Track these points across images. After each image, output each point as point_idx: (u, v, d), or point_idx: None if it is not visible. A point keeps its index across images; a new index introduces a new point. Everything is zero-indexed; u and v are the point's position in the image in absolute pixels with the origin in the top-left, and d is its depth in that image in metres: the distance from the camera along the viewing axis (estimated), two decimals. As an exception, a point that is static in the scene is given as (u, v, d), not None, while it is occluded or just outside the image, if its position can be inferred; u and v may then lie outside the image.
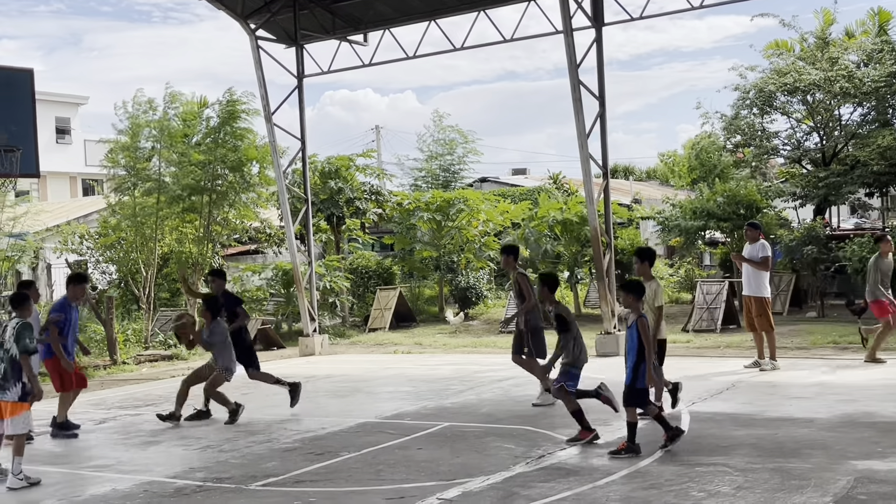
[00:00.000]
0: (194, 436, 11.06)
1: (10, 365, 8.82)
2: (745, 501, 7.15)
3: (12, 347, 8.86)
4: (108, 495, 8.33)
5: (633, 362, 8.86)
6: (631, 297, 9.09)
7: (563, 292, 26.60)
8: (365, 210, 26.57)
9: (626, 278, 14.89)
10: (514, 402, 12.38)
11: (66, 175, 46.86)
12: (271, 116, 20.50)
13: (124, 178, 22.39)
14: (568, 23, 16.69)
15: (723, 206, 22.07)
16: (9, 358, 8.84)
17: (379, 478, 8.47)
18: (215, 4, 19.86)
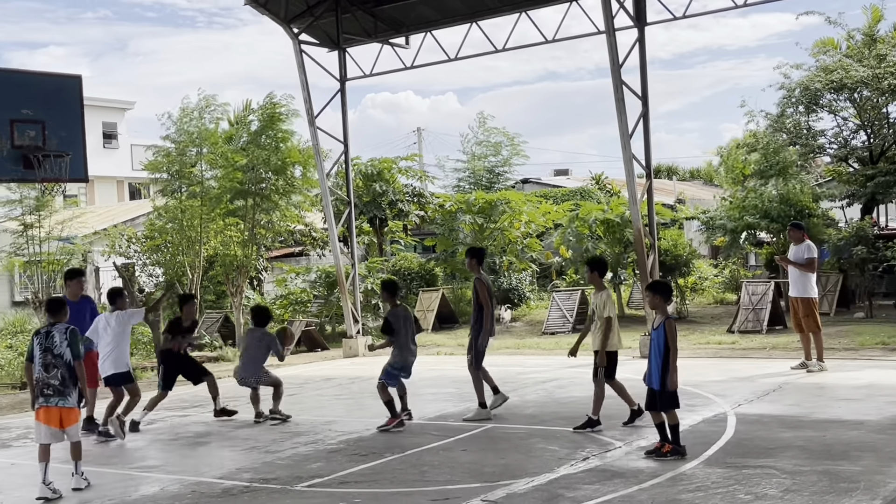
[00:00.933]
0: (241, 437, 11.18)
1: (67, 371, 8.82)
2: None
3: (66, 353, 8.84)
4: (156, 495, 8.45)
5: (661, 364, 8.75)
6: (658, 298, 8.99)
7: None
8: (407, 212, 26.68)
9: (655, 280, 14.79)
10: (557, 403, 12.37)
11: (113, 179, 47.55)
12: (314, 120, 20.65)
13: (170, 181, 22.69)
14: (610, 23, 16.62)
15: (777, 207, 21.85)
16: (64, 364, 8.83)
17: (423, 479, 8.50)
18: (259, 9, 20.04)
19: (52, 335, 8.88)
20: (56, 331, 8.93)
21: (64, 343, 8.86)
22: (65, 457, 9.08)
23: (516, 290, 25.67)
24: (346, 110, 21.39)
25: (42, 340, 8.89)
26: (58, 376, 8.77)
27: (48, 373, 8.79)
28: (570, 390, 13.44)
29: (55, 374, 8.77)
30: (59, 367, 8.79)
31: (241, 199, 22.45)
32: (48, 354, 8.83)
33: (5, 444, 11.68)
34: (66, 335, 8.90)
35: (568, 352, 11.22)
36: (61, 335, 8.90)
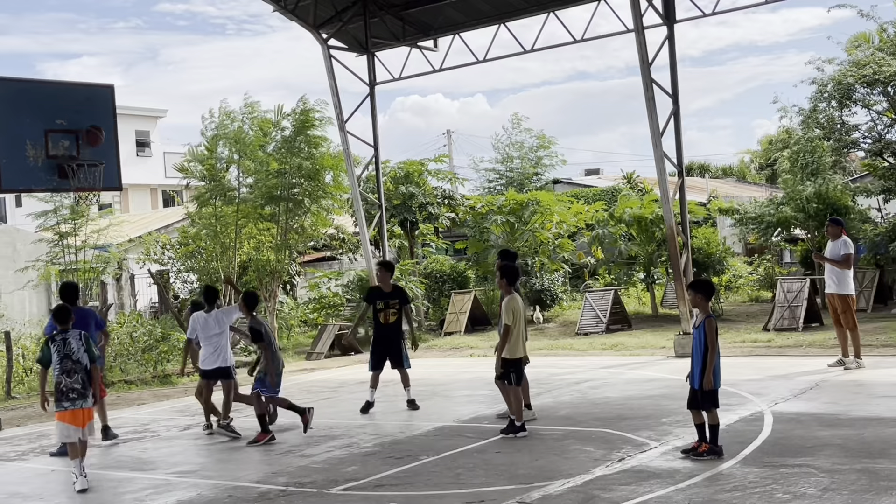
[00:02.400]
0: (276, 441, 11.23)
1: (86, 375, 9.39)
2: (831, 503, 7.00)
3: (83, 358, 9.41)
4: (193, 500, 8.51)
5: (702, 364, 8.70)
6: (699, 297, 8.96)
7: (639, 293, 26.39)
8: (438, 214, 26.67)
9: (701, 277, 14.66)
10: (592, 404, 12.31)
11: (146, 187, 48.01)
12: (345, 124, 20.73)
13: (203, 188, 22.86)
14: (639, 21, 16.56)
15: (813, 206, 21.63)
16: (83, 368, 9.39)
17: (458, 481, 8.50)
18: (288, 16, 20.16)
19: (68, 342, 9.45)
20: (71, 337, 9.47)
21: (81, 349, 9.44)
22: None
23: (548, 290, 25.58)
24: (375, 114, 21.46)
25: (60, 347, 9.38)
26: (79, 380, 9.37)
27: (70, 377, 9.33)
28: (604, 391, 13.39)
29: (76, 379, 9.34)
30: (79, 372, 9.38)
31: (273, 204, 22.58)
32: (68, 360, 9.36)
33: (44, 450, 11.82)
34: (81, 341, 9.47)
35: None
36: (77, 341, 9.46)
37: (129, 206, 44.92)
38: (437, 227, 28.03)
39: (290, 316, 25.51)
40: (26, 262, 22.46)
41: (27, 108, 13.24)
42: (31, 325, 23.40)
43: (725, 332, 19.70)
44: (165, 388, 17.77)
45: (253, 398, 11.31)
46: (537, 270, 25.87)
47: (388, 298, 13.14)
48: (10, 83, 13.50)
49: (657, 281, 24.78)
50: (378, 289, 13.50)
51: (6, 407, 16.23)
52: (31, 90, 13.73)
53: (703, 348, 8.67)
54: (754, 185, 48.18)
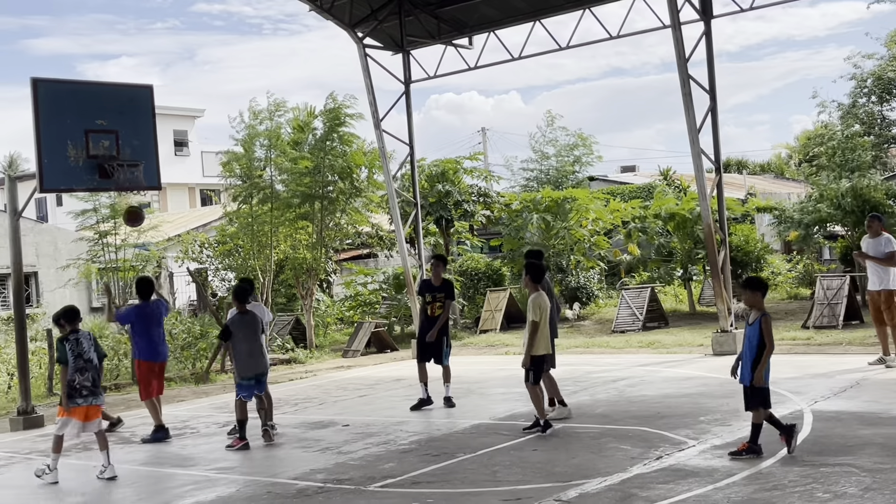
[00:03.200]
0: (313, 438, 11.31)
1: (96, 373, 9.89)
2: (872, 503, 6.93)
3: (93, 357, 9.88)
4: (233, 496, 8.59)
5: (753, 361, 8.66)
6: (756, 294, 8.88)
7: (676, 290, 26.22)
8: (473, 212, 26.68)
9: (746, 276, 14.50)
10: (629, 402, 12.26)
11: (184, 186, 48.45)
12: (380, 123, 20.80)
13: (240, 187, 23.06)
14: (675, 17, 16.45)
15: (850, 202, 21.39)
16: (93, 367, 9.87)
17: (495, 479, 8.51)
18: (324, 15, 20.25)
19: (80, 342, 9.90)
20: (82, 338, 9.95)
21: (91, 348, 9.91)
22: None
23: (584, 288, 25.52)
24: (410, 112, 21.50)
25: (73, 347, 9.86)
26: (90, 378, 9.83)
27: (82, 375, 9.78)
28: (642, 389, 13.33)
29: (87, 377, 9.81)
30: (90, 370, 9.85)
31: (308, 202, 22.71)
32: (80, 359, 9.79)
33: (87, 447, 11.97)
34: (91, 341, 9.97)
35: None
36: (88, 341, 9.94)
37: (167, 205, 45.37)
38: (472, 224, 28.04)
39: (326, 313, 25.65)
40: (67, 261, 22.82)
41: (68, 109, 13.40)
42: (72, 322, 23.74)
43: (764, 330, 19.55)
44: (204, 386, 17.94)
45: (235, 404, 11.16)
46: (573, 268, 25.80)
47: (436, 292, 13.14)
48: (52, 84, 13.66)
49: (695, 278, 24.62)
50: (428, 281, 13.53)
51: (48, 403, 16.45)
52: (71, 91, 13.90)
53: (757, 346, 8.63)
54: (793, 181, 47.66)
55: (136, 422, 13.87)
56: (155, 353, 12.28)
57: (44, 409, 15.31)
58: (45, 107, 13.26)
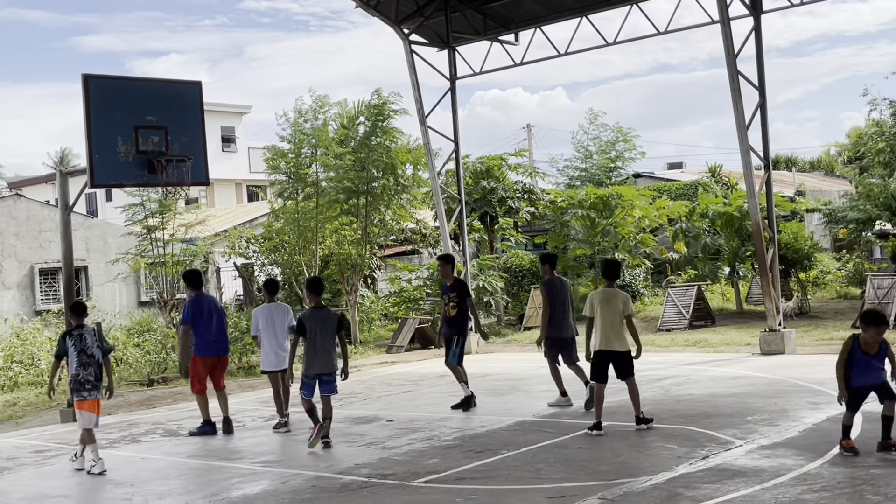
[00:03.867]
0: (358, 433, 11.36)
1: (98, 368, 10.08)
2: (925, 507, 6.81)
3: (96, 352, 10.05)
4: (278, 490, 8.66)
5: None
6: (883, 329, 8.68)
7: (723, 288, 25.96)
8: (518, 209, 26.63)
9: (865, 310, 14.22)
10: (674, 401, 12.16)
11: (231, 182, 48.86)
12: (425, 119, 20.82)
13: (286, 183, 23.22)
14: (725, 12, 16.28)
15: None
16: (96, 362, 10.05)
17: (539, 476, 8.48)
18: (370, 11, 20.33)
19: (83, 337, 10.09)
20: (86, 333, 10.14)
21: (94, 344, 10.10)
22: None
23: (630, 286, 25.36)
24: (456, 108, 21.51)
25: (77, 342, 10.06)
26: (92, 373, 10.02)
27: (86, 370, 10.02)
28: (688, 388, 13.22)
29: (90, 371, 10.01)
30: (93, 365, 10.04)
31: (353, 198, 22.81)
32: (83, 354, 10.01)
33: (135, 439, 12.16)
34: (95, 337, 10.15)
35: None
36: (91, 337, 10.13)
37: (214, 200, 45.81)
38: (516, 221, 27.98)
39: (370, 309, 25.74)
40: (116, 255, 23.13)
41: (118, 106, 13.61)
42: (121, 316, 24.07)
43: (813, 330, 19.29)
44: (250, 380, 18.11)
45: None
46: (618, 265, 25.62)
47: (450, 291, 12.88)
48: (102, 80, 13.88)
49: (742, 277, 24.35)
50: (444, 283, 13.33)
51: (98, 395, 16.70)
52: (121, 87, 14.12)
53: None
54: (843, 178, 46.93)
55: (182, 415, 14.04)
56: (205, 347, 12.12)
57: (93, 400, 15.53)
58: (96, 103, 13.48)
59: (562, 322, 12.43)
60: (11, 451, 11.58)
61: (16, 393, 17.37)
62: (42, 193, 45.94)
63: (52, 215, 24.62)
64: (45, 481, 9.89)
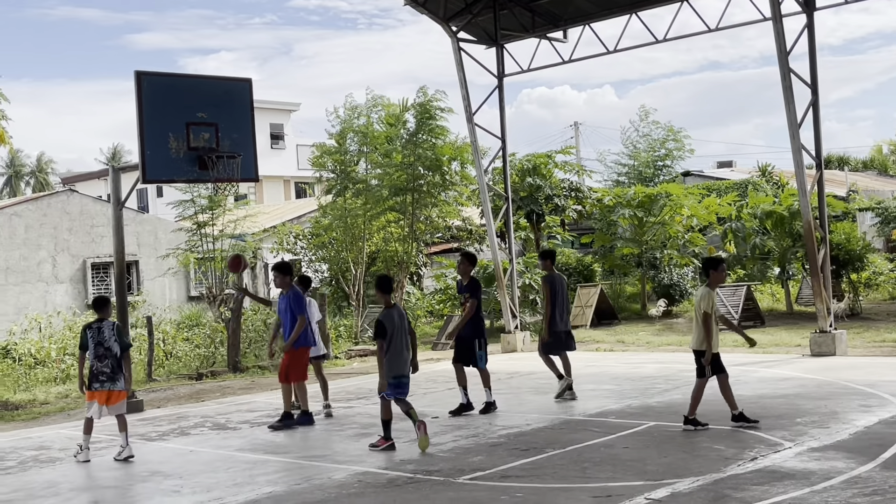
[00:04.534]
0: (403, 429, 11.37)
1: (115, 361, 10.38)
2: (981, 513, 6.67)
3: (114, 346, 10.37)
4: (324, 484, 8.72)
5: None
6: None
7: (773, 288, 25.64)
8: (564, 207, 26.52)
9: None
10: (722, 402, 12.00)
11: (279, 178, 49.29)
12: (472, 116, 20.81)
13: (334, 180, 23.36)
14: (777, 9, 16.08)
15: None
16: (112, 355, 10.36)
17: (585, 475, 8.45)
18: (418, 9, 20.36)
19: (101, 330, 10.42)
20: (105, 326, 10.46)
21: (112, 338, 10.42)
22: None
23: (678, 285, 25.14)
24: (503, 106, 21.47)
25: (95, 335, 10.42)
26: (108, 365, 10.36)
27: (101, 362, 10.36)
28: (736, 389, 12.99)
29: (106, 364, 10.36)
30: (109, 358, 10.37)
31: (400, 195, 22.88)
32: (100, 347, 10.34)
33: (184, 431, 12.31)
34: (113, 331, 10.47)
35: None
36: (109, 331, 10.44)
37: (263, 197, 46.22)
38: (563, 219, 27.88)
39: (416, 306, 25.82)
40: (167, 250, 23.45)
41: (170, 102, 13.78)
42: (170, 310, 24.38)
43: (864, 332, 18.98)
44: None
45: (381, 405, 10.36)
46: (665, 264, 25.44)
47: (465, 291, 12.53)
48: (155, 77, 14.06)
49: (792, 277, 24.03)
50: (459, 281, 12.90)
51: (147, 389, 16.96)
52: (173, 84, 14.30)
53: None
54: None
55: (230, 408, 14.19)
56: (313, 341, 12.38)
57: (143, 394, 15.78)
58: (149, 100, 13.65)
59: (564, 317, 13.12)
60: (64, 442, 11.79)
61: (68, 385, 17.66)
62: (94, 189, 46.71)
63: (104, 210, 25.02)
64: (96, 472, 10.06)
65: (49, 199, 25.55)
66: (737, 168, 45.70)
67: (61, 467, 10.37)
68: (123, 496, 8.91)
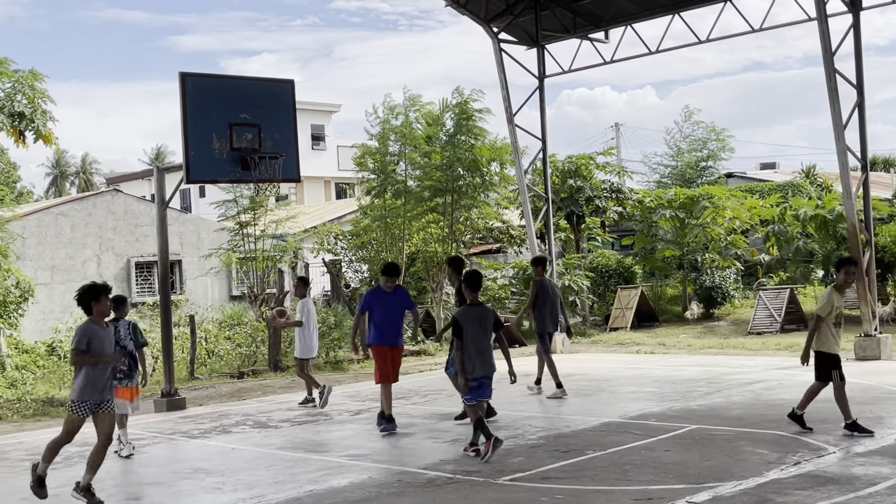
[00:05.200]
0: (442, 429, 11.41)
1: (130, 359, 10.66)
2: None
3: (129, 344, 10.61)
4: (365, 483, 8.76)
5: None
6: None
7: (816, 291, 25.32)
8: (605, 208, 26.40)
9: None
10: (766, 405, 11.92)
11: (320, 179, 49.58)
12: (513, 118, 20.79)
13: (374, 181, 23.46)
14: (822, 9, 15.89)
15: None
16: (128, 353, 10.60)
17: (625, 478, 8.40)
18: (460, 10, 20.38)
19: (117, 329, 10.45)
20: (121, 325, 10.65)
21: (128, 336, 10.66)
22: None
23: (719, 288, 24.91)
24: (544, 107, 21.43)
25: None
26: (125, 363, 10.58)
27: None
28: (779, 392, 12.93)
29: (123, 361, 10.50)
30: (125, 356, 10.55)
31: (440, 196, 22.91)
32: (116, 346, 10.30)
33: (226, 429, 12.43)
34: (129, 329, 10.71)
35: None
36: (125, 329, 10.67)
37: (303, 197, 46.51)
38: (603, 220, 27.75)
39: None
40: (209, 250, 23.68)
41: (214, 104, 13.92)
42: (212, 309, 24.62)
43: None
44: (337, 374, 18.35)
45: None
46: (707, 267, 25.23)
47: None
48: (198, 79, 14.21)
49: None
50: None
51: (190, 387, 17.14)
52: (217, 86, 14.45)
53: None
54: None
55: (271, 407, 14.30)
56: (383, 337, 11.45)
57: (186, 391, 15.94)
58: (193, 101, 13.80)
59: (552, 318, 13.97)
60: (108, 438, 11.92)
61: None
62: (138, 189, 47.29)
63: (148, 210, 25.33)
64: (139, 469, 10.19)
65: (94, 199, 25.91)
66: (780, 170, 45.19)
67: (105, 464, 10.48)
68: (166, 492, 9.01)
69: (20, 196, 48.94)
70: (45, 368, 18.64)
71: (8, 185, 46.07)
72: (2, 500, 9.06)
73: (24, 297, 17.09)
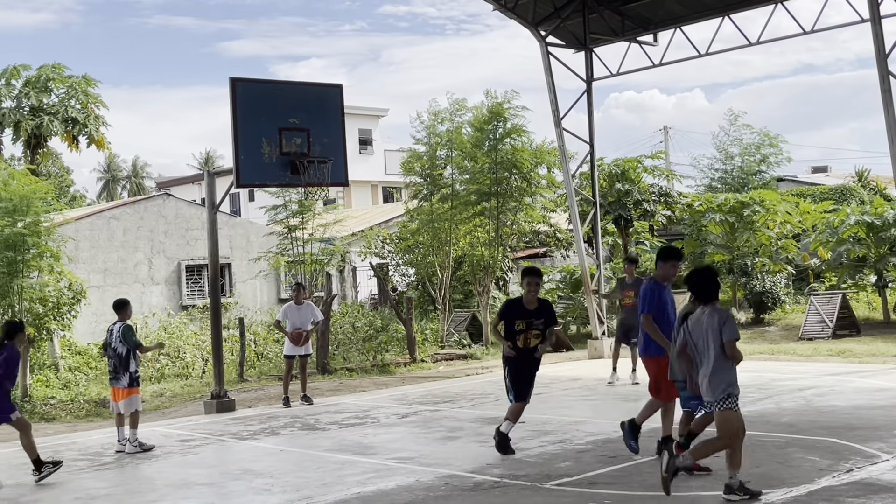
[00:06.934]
0: (490, 433, 11.36)
1: (118, 360, 11.21)
2: None
3: (119, 347, 11.16)
4: (412, 486, 8.79)
5: None
6: None
7: (869, 297, 24.92)
8: (653, 212, 26.20)
9: None
10: (817, 412, 11.75)
11: (367, 183, 49.78)
12: (560, 121, 20.73)
13: (421, 185, 23.53)
14: (876, 10, 15.66)
15: None
16: (117, 355, 11.19)
17: (674, 484, 8.32)
18: (507, 14, 20.38)
19: (111, 332, 11.35)
20: (114, 328, 11.31)
21: (118, 339, 11.20)
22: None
23: (770, 292, 24.59)
24: (592, 110, 21.34)
25: (107, 336, 11.49)
26: (112, 364, 11.30)
27: (109, 361, 11.46)
28: (831, 399, 12.74)
29: (111, 363, 11.35)
30: (113, 358, 11.27)
31: (485, 200, 22.91)
32: (108, 348, 11.31)
33: (274, 431, 12.54)
34: (120, 333, 11.24)
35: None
36: (117, 332, 11.25)
37: (351, 201, 46.76)
38: (652, 224, 27.54)
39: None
40: (258, 253, 23.90)
41: (263, 108, 14.06)
42: (261, 312, 24.83)
43: (968, 342, 18.32)
44: (384, 377, 18.41)
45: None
46: (758, 272, 24.93)
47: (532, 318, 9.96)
48: (248, 84, 14.37)
49: (889, 285, 23.31)
50: (518, 302, 10.17)
51: (239, 389, 17.31)
52: (266, 91, 14.59)
53: None
54: None
55: (318, 409, 14.38)
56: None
57: (235, 393, 16.10)
58: (243, 106, 13.95)
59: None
60: (158, 439, 12.10)
61: (163, 384, 18.15)
62: (188, 193, 47.87)
63: (198, 214, 25.62)
64: (190, 469, 10.31)
65: (146, 202, 26.27)
66: (832, 173, 44.55)
67: (156, 464, 10.66)
68: (216, 493, 9.11)
69: (73, 200, 49.79)
70: (98, 370, 18.93)
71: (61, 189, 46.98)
72: (56, 499, 9.22)
73: (77, 300, 17.37)
